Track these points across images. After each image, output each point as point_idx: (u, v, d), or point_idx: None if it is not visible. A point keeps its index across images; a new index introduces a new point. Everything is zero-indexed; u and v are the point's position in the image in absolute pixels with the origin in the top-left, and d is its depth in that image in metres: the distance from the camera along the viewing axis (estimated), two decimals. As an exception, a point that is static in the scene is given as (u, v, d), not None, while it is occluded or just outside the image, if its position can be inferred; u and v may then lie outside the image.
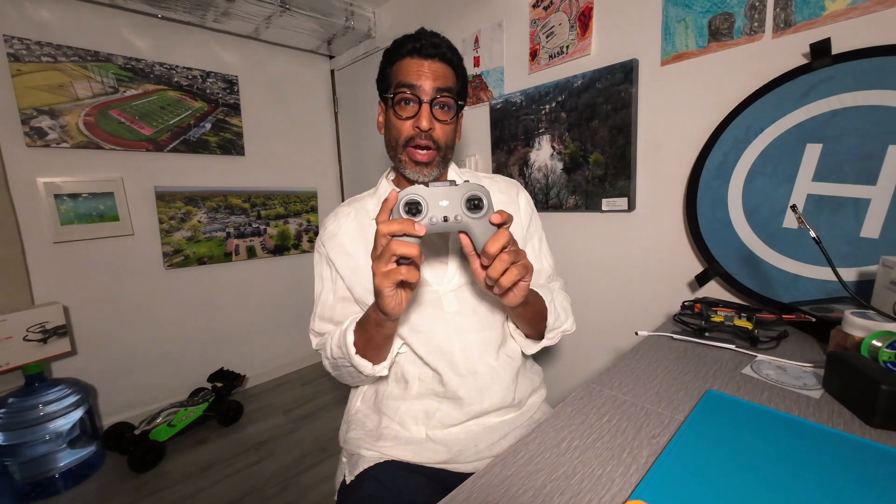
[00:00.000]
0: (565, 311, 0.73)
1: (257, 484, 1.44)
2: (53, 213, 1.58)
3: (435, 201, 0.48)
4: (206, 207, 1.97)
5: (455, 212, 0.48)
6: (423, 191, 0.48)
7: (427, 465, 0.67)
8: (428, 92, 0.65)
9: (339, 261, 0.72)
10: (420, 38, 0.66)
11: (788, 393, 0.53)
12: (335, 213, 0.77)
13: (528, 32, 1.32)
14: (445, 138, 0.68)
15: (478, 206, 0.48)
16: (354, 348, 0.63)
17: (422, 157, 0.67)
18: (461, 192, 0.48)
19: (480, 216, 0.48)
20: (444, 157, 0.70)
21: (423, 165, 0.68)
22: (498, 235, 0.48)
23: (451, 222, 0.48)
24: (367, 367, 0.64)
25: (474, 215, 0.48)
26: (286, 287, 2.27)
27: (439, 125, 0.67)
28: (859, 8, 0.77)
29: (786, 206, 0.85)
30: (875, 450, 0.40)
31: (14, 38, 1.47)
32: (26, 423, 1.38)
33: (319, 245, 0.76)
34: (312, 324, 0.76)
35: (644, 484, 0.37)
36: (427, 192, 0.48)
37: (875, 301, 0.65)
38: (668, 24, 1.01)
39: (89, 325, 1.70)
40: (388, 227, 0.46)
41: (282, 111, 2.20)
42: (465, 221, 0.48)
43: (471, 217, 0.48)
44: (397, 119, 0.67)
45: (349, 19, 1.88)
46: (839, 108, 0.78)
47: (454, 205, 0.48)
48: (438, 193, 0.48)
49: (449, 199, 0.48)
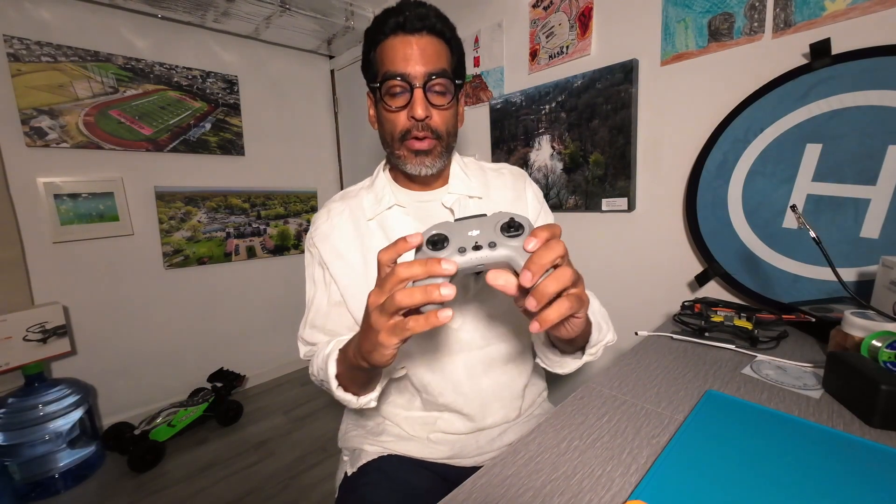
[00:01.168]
0: (605, 319, 0.63)
1: (257, 484, 1.44)
2: (53, 213, 1.58)
3: (463, 233, 0.39)
4: (205, 207, 1.97)
5: (489, 237, 0.38)
6: (450, 224, 0.40)
7: (429, 459, 0.67)
8: (419, 77, 0.57)
9: (334, 264, 0.66)
10: (403, 9, 0.57)
11: (788, 393, 0.53)
12: (327, 212, 0.70)
13: (528, 32, 1.32)
14: (446, 125, 0.61)
15: (517, 228, 0.38)
16: (337, 381, 0.56)
17: (421, 145, 0.60)
18: (494, 219, 0.40)
19: (522, 239, 0.38)
20: (447, 146, 0.63)
21: (423, 155, 0.61)
22: (542, 252, 0.36)
23: (485, 251, 0.37)
24: (351, 402, 0.57)
25: (513, 240, 0.38)
26: (286, 287, 2.27)
27: (437, 112, 0.60)
28: (859, 8, 0.77)
29: (786, 206, 0.85)
30: (875, 450, 0.40)
31: (14, 38, 1.47)
32: (26, 423, 1.38)
33: (310, 244, 0.69)
34: (302, 331, 0.68)
35: (644, 484, 0.37)
36: (455, 225, 0.40)
37: (875, 301, 0.65)
38: (668, 25, 1.01)
39: (89, 325, 1.70)
40: (409, 270, 0.36)
41: (282, 111, 2.19)
42: (504, 249, 0.38)
43: (509, 242, 0.38)
44: (389, 112, 0.60)
45: (349, 19, 1.88)
46: (839, 108, 0.78)
47: (487, 232, 0.39)
48: (467, 225, 0.39)
49: (480, 228, 0.39)
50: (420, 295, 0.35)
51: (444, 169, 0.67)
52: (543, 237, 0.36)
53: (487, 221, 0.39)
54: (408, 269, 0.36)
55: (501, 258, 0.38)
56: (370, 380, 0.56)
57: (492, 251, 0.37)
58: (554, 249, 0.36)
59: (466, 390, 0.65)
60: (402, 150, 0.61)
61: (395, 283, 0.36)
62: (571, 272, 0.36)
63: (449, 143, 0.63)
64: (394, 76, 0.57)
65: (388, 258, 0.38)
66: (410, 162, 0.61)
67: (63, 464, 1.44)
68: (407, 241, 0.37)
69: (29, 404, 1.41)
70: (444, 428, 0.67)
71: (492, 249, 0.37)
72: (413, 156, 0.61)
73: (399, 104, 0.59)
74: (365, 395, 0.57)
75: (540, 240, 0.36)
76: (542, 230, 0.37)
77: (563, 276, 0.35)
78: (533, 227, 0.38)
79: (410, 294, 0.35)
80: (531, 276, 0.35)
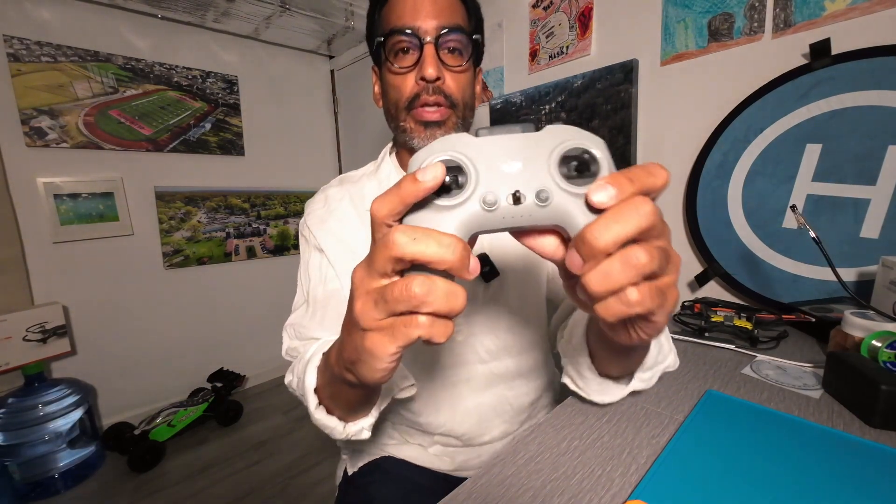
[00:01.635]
0: (667, 336, 0.48)
1: (257, 484, 1.44)
2: (53, 213, 1.58)
3: (494, 165, 0.23)
4: (205, 207, 1.97)
5: (540, 183, 0.22)
6: (468, 145, 0.23)
7: (431, 469, 0.64)
8: (430, 31, 0.49)
9: (333, 248, 0.57)
10: None
11: (788, 393, 0.53)
12: (324, 198, 0.61)
13: (528, 32, 1.32)
14: (461, 92, 0.52)
15: (586, 168, 0.23)
16: (316, 398, 0.41)
17: (432, 115, 0.51)
18: (548, 142, 0.23)
19: (591, 186, 0.22)
20: (463, 119, 0.54)
21: (434, 127, 0.52)
22: (610, 220, 0.21)
23: (530, 205, 0.22)
24: (335, 429, 0.42)
25: (580, 186, 0.22)
26: (286, 287, 2.27)
27: (450, 74, 0.51)
28: (859, 8, 0.77)
29: (785, 206, 0.84)
30: (875, 450, 0.40)
31: (14, 38, 1.47)
32: (26, 423, 1.38)
33: (304, 228, 0.60)
34: (291, 320, 0.57)
35: (644, 484, 0.37)
36: (478, 146, 0.23)
37: (875, 301, 0.65)
38: (668, 25, 1.01)
39: (89, 325, 1.70)
40: (416, 246, 0.22)
41: (282, 111, 2.19)
42: (562, 205, 0.22)
43: (573, 188, 0.22)
44: (394, 76, 0.52)
45: (349, 19, 1.88)
46: (839, 108, 0.78)
47: (535, 168, 0.23)
48: (502, 147, 0.23)
49: (524, 158, 0.23)
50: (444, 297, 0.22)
51: None
52: (625, 190, 0.21)
53: (538, 144, 0.23)
54: (415, 245, 0.21)
55: (554, 221, 0.23)
56: (362, 400, 0.41)
57: (542, 208, 0.22)
58: (632, 215, 0.21)
59: (459, 412, 0.58)
60: (410, 122, 0.52)
61: (394, 263, 0.22)
62: (654, 254, 0.21)
63: (465, 115, 0.54)
64: (401, 31, 0.49)
65: (387, 212, 0.23)
66: (419, 135, 0.52)
67: (63, 464, 1.44)
68: (418, 182, 0.21)
69: (29, 404, 1.41)
70: (441, 442, 0.62)
71: (542, 205, 0.22)
72: (422, 128, 0.52)
73: (406, 64, 0.51)
74: (354, 420, 0.43)
75: (617, 193, 0.21)
76: (623, 177, 0.22)
77: (639, 259, 0.20)
78: (612, 165, 0.23)
79: (430, 287, 0.21)
80: (580, 262, 0.22)
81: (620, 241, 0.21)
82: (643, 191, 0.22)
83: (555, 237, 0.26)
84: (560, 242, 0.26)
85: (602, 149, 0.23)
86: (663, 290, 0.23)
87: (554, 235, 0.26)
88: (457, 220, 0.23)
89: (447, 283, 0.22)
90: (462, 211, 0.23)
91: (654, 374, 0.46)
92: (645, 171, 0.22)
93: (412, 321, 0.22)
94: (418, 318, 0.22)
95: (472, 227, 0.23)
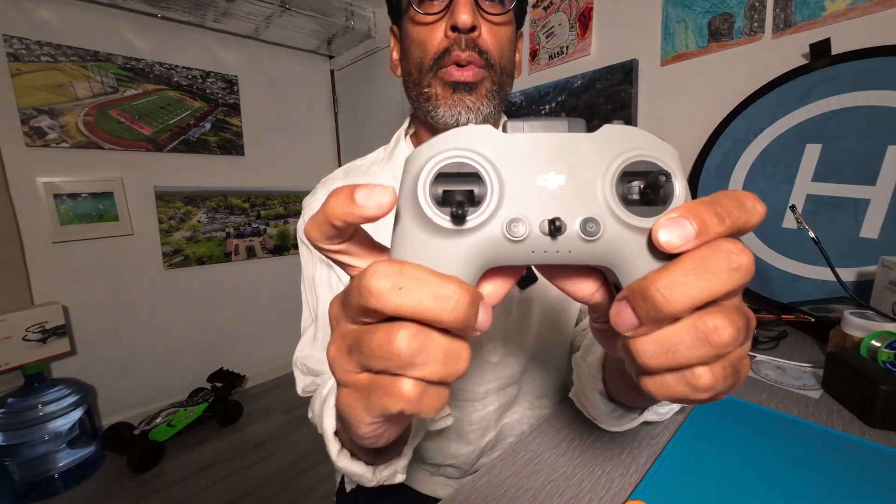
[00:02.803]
0: None
1: (257, 484, 1.44)
2: (53, 213, 1.58)
3: (526, 176, 0.16)
4: (205, 207, 1.97)
5: (589, 208, 0.16)
6: (491, 143, 0.17)
7: (432, 497, 0.59)
8: None
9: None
10: None
11: (787, 393, 0.53)
12: (326, 191, 0.50)
13: (528, 32, 1.32)
14: (500, 49, 0.43)
15: (654, 191, 0.16)
16: (337, 441, 0.34)
17: (463, 73, 0.41)
18: (605, 149, 0.17)
19: (652, 220, 0.16)
20: (500, 87, 0.44)
21: (464, 91, 0.42)
22: (685, 270, 0.15)
23: (573, 239, 0.16)
24: (364, 477, 0.34)
25: (644, 218, 0.16)
26: (286, 287, 2.27)
27: (488, 25, 0.42)
28: (859, 8, 0.77)
29: (785, 206, 0.84)
30: (874, 450, 0.40)
31: (14, 38, 1.47)
32: (25, 423, 1.38)
33: (302, 233, 0.50)
34: (298, 354, 0.51)
35: (644, 484, 0.37)
36: (506, 146, 0.17)
37: (874, 301, 0.65)
38: (668, 25, 1.01)
39: (89, 325, 1.70)
40: (400, 298, 0.15)
41: (282, 111, 2.19)
42: (615, 240, 0.16)
43: (634, 221, 0.16)
44: (419, 28, 0.42)
45: (349, 19, 1.88)
46: (839, 108, 0.78)
47: (584, 187, 0.16)
48: (539, 150, 0.17)
49: (569, 169, 0.16)
50: (440, 359, 0.16)
51: (495, 121, 0.46)
52: (709, 230, 0.15)
53: (591, 151, 0.17)
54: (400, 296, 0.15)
55: (602, 261, 0.17)
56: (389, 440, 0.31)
57: (588, 243, 0.16)
58: (721, 270, 0.15)
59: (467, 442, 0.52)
60: (435, 85, 0.42)
61: (368, 315, 0.16)
62: (738, 326, 0.15)
63: (503, 81, 0.44)
64: None
65: (317, 235, 0.18)
66: (445, 102, 0.42)
67: (62, 464, 1.44)
68: (353, 203, 0.16)
69: (28, 404, 1.41)
70: (445, 473, 0.57)
71: (589, 239, 0.16)
72: (449, 91, 0.42)
73: (435, 10, 0.41)
74: (385, 464, 0.35)
75: (698, 233, 0.15)
76: (708, 210, 0.15)
77: (721, 336, 0.15)
78: (687, 188, 0.17)
79: (423, 343, 0.15)
80: (634, 321, 0.16)
81: (698, 304, 0.15)
82: (733, 231, 0.16)
83: (594, 279, 0.20)
84: (600, 284, 0.20)
85: (677, 164, 0.17)
86: (737, 366, 0.16)
87: (593, 277, 0.20)
88: (468, 249, 0.16)
89: (446, 340, 0.16)
90: (477, 238, 0.16)
91: (671, 410, 0.40)
92: (735, 201, 0.16)
93: (393, 388, 0.16)
94: (402, 385, 0.15)
95: (488, 260, 0.17)
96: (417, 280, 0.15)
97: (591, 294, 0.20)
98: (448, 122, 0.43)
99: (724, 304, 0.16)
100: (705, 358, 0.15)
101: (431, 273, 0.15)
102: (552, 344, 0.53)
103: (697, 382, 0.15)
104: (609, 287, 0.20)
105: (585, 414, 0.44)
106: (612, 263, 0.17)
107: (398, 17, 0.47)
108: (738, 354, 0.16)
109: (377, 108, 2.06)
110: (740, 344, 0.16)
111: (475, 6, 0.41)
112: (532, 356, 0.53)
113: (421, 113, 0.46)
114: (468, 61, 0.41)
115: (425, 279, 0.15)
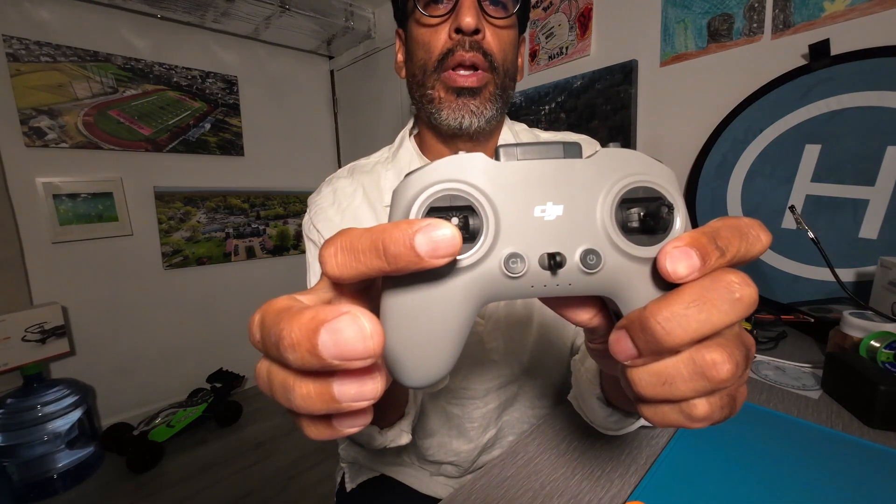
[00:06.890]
0: None
1: (256, 484, 1.44)
2: (52, 214, 1.58)
3: (523, 208, 0.16)
4: (205, 208, 1.97)
5: (589, 239, 0.16)
6: (485, 172, 0.16)
7: (432, 496, 0.59)
8: None
9: None
10: None
11: (787, 393, 0.53)
12: (332, 190, 0.53)
13: (528, 33, 1.33)
14: (503, 53, 0.44)
15: (654, 219, 0.16)
16: None
17: (467, 79, 0.42)
18: (603, 176, 0.16)
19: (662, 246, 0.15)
20: (503, 89, 0.45)
21: (468, 95, 0.43)
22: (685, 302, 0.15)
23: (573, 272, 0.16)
24: (371, 437, 0.40)
25: (644, 247, 0.16)
26: (286, 287, 2.27)
27: (491, 28, 0.43)
28: (858, 9, 0.77)
29: (784, 206, 0.85)
30: (874, 450, 0.40)
31: (13, 38, 1.46)
32: (25, 423, 1.38)
33: (310, 230, 0.53)
34: None
35: (643, 485, 0.37)
36: (501, 175, 0.16)
37: (873, 301, 0.65)
38: (668, 25, 1.01)
39: (88, 326, 1.69)
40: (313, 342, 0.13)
41: (281, 111, 2.19)
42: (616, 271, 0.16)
43: (634, 251, 0.16)
44: (423, 30, 0.43)
45: (349, 20, 1.88)
46: (838, 108, 0.78)
47: (583, 217, 0.16)
48: (535, 179, 0.16)
49: (567, 199, 0.16)
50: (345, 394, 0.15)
51: (495, 129, 0.47)
52: (711, 260, 0.15)
53: (588, 178, 0.16)
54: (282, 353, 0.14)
55: (602, 292, 0.17)
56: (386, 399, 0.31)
57: (588, 275, 0.16)
58: (723, 303, 0.15)
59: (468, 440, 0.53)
60: (438, 89, 0.44)
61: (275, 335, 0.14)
62: (738, 361, 0.15)
63: (506, 85, 0.46)
64: None
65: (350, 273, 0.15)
66: (448, 106, 0.43)
67: (62, 464, 1.44)
68: (417, 254, 0.13)
69: (27, 405, 1.41)
70: (446, 472, 0.58)
71: (590, 272, 0.16)
72: (453, 96, 0.43)
73: (439, 13, 0.42)
74: (390, 427, 0.40)
75: (701, 264, 0.15)
76: (710, 241, 0.15)
77: (719, 372, 0.15)
78: (688, 220, 0.17)
79: (309, 392, 0.15)
80: (633, 351, 0.16)
81: (699, 338, 0.15)
82: (736, 262, 0.15)
83: (592, 305, 0.20)
84: (598, 309, 0.20)
85: (675, 187, 0.16)
86: (734, 396, 0.16)
87: (591, 303, 0.20)
88: (464, 289, 0.15)
89: (310, 384, 0.15)
90: (474, 276, 0.15)
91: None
92: (737, 231, 0.15)
93: (326, 399, 0.15)
94: (332, 396, 0.14)
95: (486, 297, 0.16)
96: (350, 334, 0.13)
97: (588, 319, 0.20)
98: (451, 125, 0.45)
99: (725, 333, 0.16)
100: (702, 391, 0.15)
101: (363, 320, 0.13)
102: (553, 344, 0.53)
103: (693, 413, 0.16)
104: (607, 311, 0.20)
105: (584, 417, 0.44)
106: (611, 293, 0.17)
107: (404, 19, 0.48)
108: (736, 385, 0.16)
109: (377, 108, 2.06)
110: (738, 377, 0.16)
111: (479, 10, 0.42)
112: (533, 356, 0.53)
113: (424, 115, 0.47)
114: (472, 62, 0.42)
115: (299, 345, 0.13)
